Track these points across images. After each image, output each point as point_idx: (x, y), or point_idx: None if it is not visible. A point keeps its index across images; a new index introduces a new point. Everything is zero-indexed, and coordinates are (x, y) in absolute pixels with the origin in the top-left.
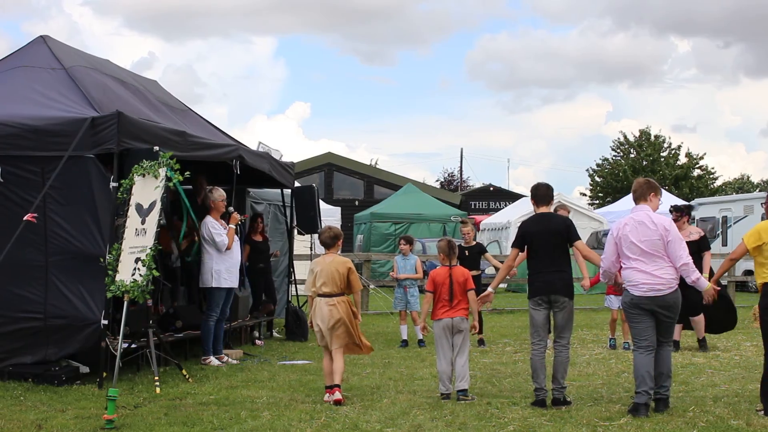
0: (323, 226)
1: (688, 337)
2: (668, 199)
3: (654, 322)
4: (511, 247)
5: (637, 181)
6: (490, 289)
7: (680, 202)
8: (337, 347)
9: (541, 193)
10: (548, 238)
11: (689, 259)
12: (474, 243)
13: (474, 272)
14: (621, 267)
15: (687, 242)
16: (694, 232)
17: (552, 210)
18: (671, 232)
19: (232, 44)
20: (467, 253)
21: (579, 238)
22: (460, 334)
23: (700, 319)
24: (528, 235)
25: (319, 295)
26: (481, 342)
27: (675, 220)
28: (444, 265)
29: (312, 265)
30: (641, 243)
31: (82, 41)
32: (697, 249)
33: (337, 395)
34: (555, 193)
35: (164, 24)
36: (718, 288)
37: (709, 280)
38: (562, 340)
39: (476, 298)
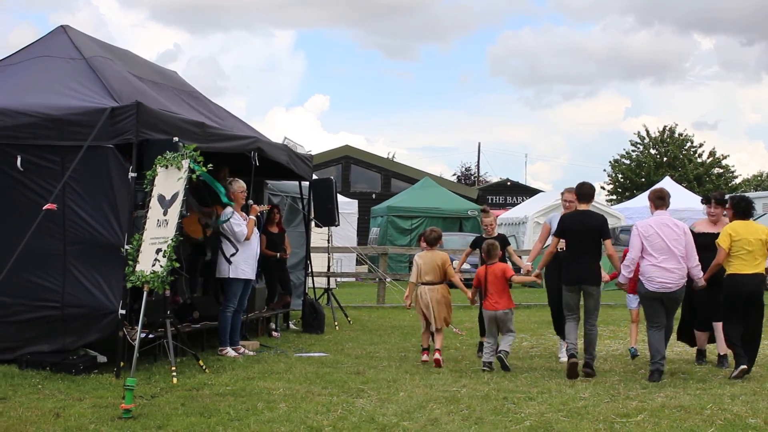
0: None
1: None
2: (689, 197)
3: (664, 308)
4: (553, 235)
5: (663, 191)
6: (537, 269)
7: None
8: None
9: (584, 192)
10: (584, 235)
11: (697, 261)
12: (496, 234)
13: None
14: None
15: (714, 234)
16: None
17: (589, 206)
18: (688, 236)
19: (254, 37)
20: None
21: (610, 237)
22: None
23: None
24: (567, 229)
25: (423, 283)
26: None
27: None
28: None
29: (416, 258)
30: (669, 241)
31: (108, 33)
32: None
33: (437, 356)
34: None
35: (189, 16)
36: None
37: None
38: (591, 319)
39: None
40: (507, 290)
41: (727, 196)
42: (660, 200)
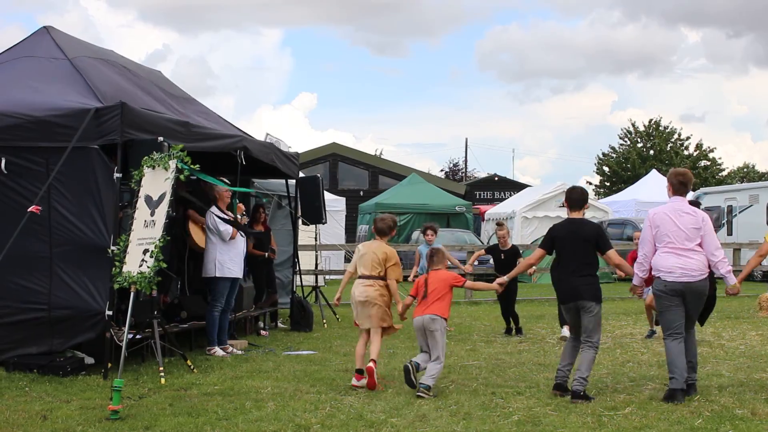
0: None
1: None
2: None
3: (684, 309)
4: (539, 246)
5: (687, 174)
6: (505, 278)
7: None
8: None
9: (575, 197)
10: (576, 246)
11: (722, 253)
12: (510, 246)
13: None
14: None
15: None
16: None
17: (582, 213)
18: (708, 224)
19: (243, 36)
20: (503, 257)
21: (611, 247)
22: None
23: None
24: (557, 240)
25: (359, 277)
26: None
27: None
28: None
29: (359, 246)
30: (685, 228)
31: (97, 34)
32: None
33: (369, 378)
34: (560, 183)
35: (178, 16)
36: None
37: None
38: (590, 340)
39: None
40: (447, 300)
41: None
42: (681, 185)
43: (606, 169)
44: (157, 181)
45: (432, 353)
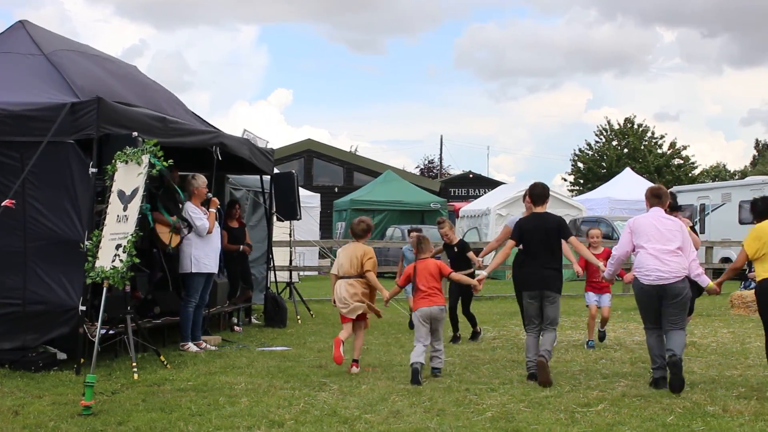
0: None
1: None
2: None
3: (659, 307)
4: (510, 237)
5: (661, 189)
6: (485, 273)
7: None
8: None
9: (537, 192)
10: (542, 237)
11: (696, 257)
12: (458, 240)
13: (468, 270)
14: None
15: None
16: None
17: (544, 207)
18: (685, 231)
19: (220, 32)
20: (456, 250)
21: (572, 234)
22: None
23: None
24: (524, 233)
25: (340, 277)
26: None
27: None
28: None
29: (339, 251)
30: (665, 229)
31: (73, 28)
32: None
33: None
34: (534, 181)
35: (155, 11)
36: (718, 290)
37: None
38: (552, 325)
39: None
40: (440, 288)
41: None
42: (656, 198)
43: (581, 165)
44: (130, 176)
45: (434, 336)
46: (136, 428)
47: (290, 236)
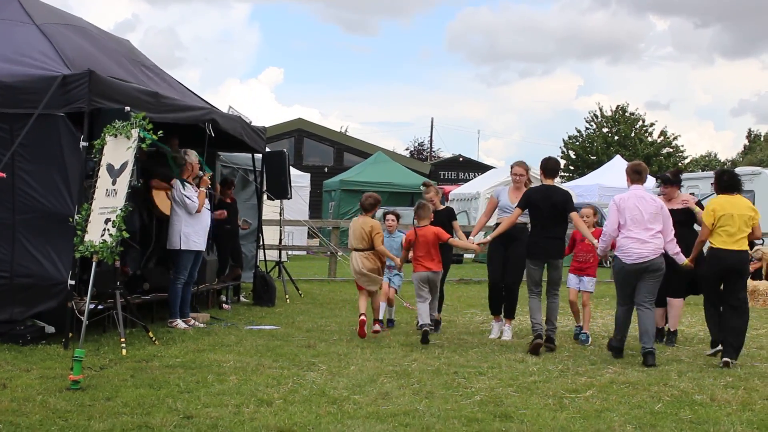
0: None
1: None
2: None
3: (636, 284)
4: (516, 206)
5: (641, 165)
6: (488, 238)
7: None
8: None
9: (550, 167)
10: (549, 209)
11: (674, 239)
12: (443, 207)
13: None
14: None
15: (675, 210)
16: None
17: (553, 181)
18: (664, 210)
19: (213, 8)
20: (441, 216)
21: (574, 210)
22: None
23: (678, 305)
24: (532, 203)
25: (354, 250)
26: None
27: (663, 192)
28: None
29: (351, 224)
30: (646, 212)
31: (65, 1)
32: (685, 219)
33: (376, 326)
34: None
35: None
36: (692, 265)
37: None
38: (554, 290)
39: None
40: (438, 254)
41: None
42: (636, 174)
43: (571, 153)
44: (119, 150)
45: (433, 295)
46: (125, 404)
47: (280, 215)
